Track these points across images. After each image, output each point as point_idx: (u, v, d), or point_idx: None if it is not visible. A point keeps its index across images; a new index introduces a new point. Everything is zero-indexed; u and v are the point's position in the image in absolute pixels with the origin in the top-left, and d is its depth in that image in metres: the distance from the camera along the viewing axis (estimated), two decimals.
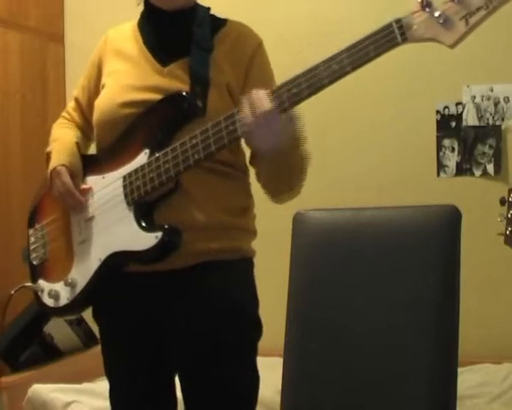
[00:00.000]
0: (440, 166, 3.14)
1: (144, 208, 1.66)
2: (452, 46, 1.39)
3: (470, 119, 3.09)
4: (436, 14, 1.37)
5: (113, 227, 1.69)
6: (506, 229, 1.68)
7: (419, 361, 1.33)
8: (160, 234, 1.61)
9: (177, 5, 1.73)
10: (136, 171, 1.66)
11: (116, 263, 1.70)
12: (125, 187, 1.68)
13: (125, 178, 1.68)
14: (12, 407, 2.73)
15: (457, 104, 3.11)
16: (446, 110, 3.13)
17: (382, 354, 1.36)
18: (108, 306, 1.76)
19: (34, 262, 1.89)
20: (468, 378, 2.74)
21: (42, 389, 2.70)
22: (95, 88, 1.84)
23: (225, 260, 1.67)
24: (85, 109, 1.89)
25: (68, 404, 2.68)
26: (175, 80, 1.68)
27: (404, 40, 1.42)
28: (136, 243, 1.64)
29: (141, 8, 1.85)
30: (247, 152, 1.76)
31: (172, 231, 1.62)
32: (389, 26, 1.44)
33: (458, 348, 1.33)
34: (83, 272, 1.74)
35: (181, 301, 1.67)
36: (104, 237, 1.71)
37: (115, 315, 1.76)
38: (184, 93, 1.65)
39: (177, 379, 1.76)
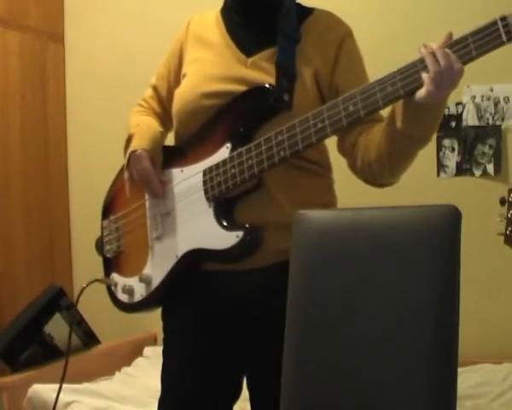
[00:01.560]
0: (440, 166, 3.14)
1: (225, 205, 1.60)
2: None
3: (470, 119, 3.09)
4: None
5: (192, 223, 1.63)
6: (506, 229, 1.68)
7: (419, 361, 1.32)
8: (240, 233, 1.55)
9: None
10: (217, 166, 1.60)
11: (193, 261, 1.64)
12: (205, 182, 1.62)
13: (205, 172, 1.62)
14: (12, 407, 2.73)
15: (457, 104, 3.11)
16: (446, 110, 3.13)
17: (382, 354, 1.36)
18: (181, 306, 1.70)
19: (108, 255, 1.83)
20: (468, 378, 2.74)
21: (42, 389, 2.70)
22: (175, 76, 1.77)
23: None
24: (164, 98, 1.82)
25: (68, 404, 2.68)
26: (259, 72, 1.62)
27: (510, 39, 1.35)
28: (215, 242, 1.58)
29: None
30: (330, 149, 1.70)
31: (254, 230, 1.56)
32: (494, 23, 1.36)
33: (458, 348, 1.33)
34: (158, 269, 1.68)
35: (259, 300, 1.61)
36: (182, 233, 1.65)
37: (188, 315, 1.69)
38: (270, 86, 1.57)
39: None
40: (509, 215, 1.68)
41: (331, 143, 1.70)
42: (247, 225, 1.56)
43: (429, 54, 1.41)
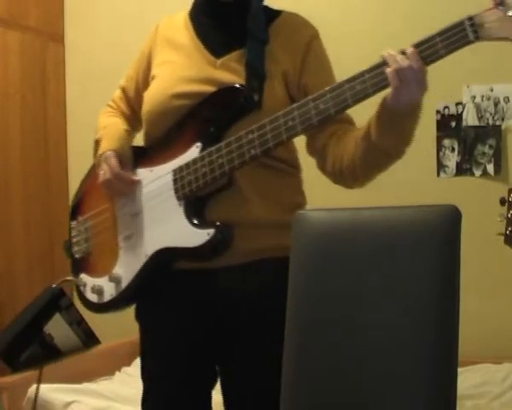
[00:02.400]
0: (440, 166, 3.14)
1: (195, 204, 1.61)
2: None
3: (470, 119, 3.09)
4: (511, 12, 1.34)
5: (162, 222, 1.64)
6: (506, 229, 1.68)
7: (419, 361, 1.32)
8: (212, 231, 1.57)
9: None
10: (187, 165, 1.61)
11: (164, 259, 1.65)
12: (175, 181, 1.63)
13: (175, 172, 1.63)
14: (12, 407, 2.73)
15: (457, 104, 3.11)
16: (446, 110, 3.13)
17: (382, 353, 1.36)
18: (154, 304, 1.70)
19: (76, 256, 1.84)
20: (468, 378, 2.74)
21: (42, 389, 2.70)
22: (143, 79, 1.79)
23: (278, 257, 1.61)
24: (132, 100, 1.84)
25: (68, 404, 2.69)
26: (229, 73, 1.64)
27: (477, 38, 1.39)
28: (186, 240, 1.59)
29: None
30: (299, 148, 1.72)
31: (225, 228, 1.57)
32: (461, 23, 1.40)
33: (458, 348, 1.33)
34: (128, 268, 1.69)
35: (230, 298, 1.62)
36: (152, 233, 1.66)
37: (161, 314, 1.70)
38: (240, 86, 1.60)
39: None
40: (509, 215, 1.68)
41: (302, 143, 1.71)
42: (218, 223, 1.58)
43: (390, 55, 1.46)
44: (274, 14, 1.73)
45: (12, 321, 3.09)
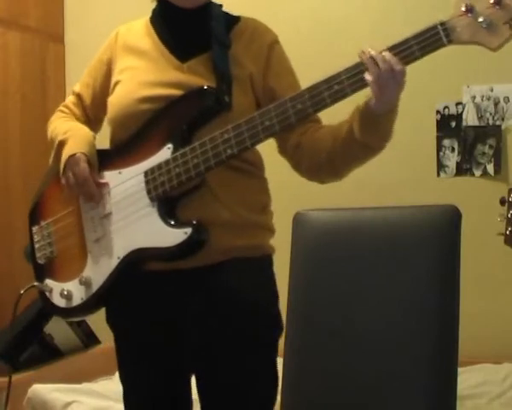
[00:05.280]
0: (440, 166, 3.14)
1: (168, 204, 1.62)
2: (496, 49, 1.45)
3: (470, 119, 3.09)
4: (480, 19, 1.43)
5: (135, 224, 1.64)
6: (506, 229, 1.68)
7: (419, 361, 1.33)
8: (189, 230, 1.57)
9: (195, 3, 1.71)
10: (159, 166, 1.62)
11: (136, 261, 1.65)
12: (147, 183, 1.63)
13: (146, 173, 1.64)
14: (12, 407, 2.73)
15: (457, 104, 3.11)
16: (446, 110, 3.13)
17: (382, 354, 1.36)
18: (125, 306, 1.71)
19: (39, 261, 1.82)
20: (468, 378, 2.74)
21: (42, 389, 2.70)
22: (101, 86, 1.80)
23: (248, 257, 1.64)
24: (88, 106, 1.85)
25: (68, 404, 2.68)
26: (197, 76, 1.65)
27: (450, 42, 1.47)
28: (161, 240, 1.60)
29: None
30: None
31: (201, 226, 1.58)
32: (434, 27, 1.48)
33: (458, 348, 1.33)
34: (99, 271, 1.68)
35: (203, 299, 1.63)
36: (124, 235, 1.66)
37: (133, 316, 1.71)
38: (211, 88, 1.62)
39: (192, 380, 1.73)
40: (509, 215, 1.68)
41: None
42: (195, 222, 1.59)
43: (368, 58, 1.50)
44: (234, 20, 1.76)
45: (12, 321, 3.09)
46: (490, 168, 3.06)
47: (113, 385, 2.98)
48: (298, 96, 1.56)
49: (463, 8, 1.45)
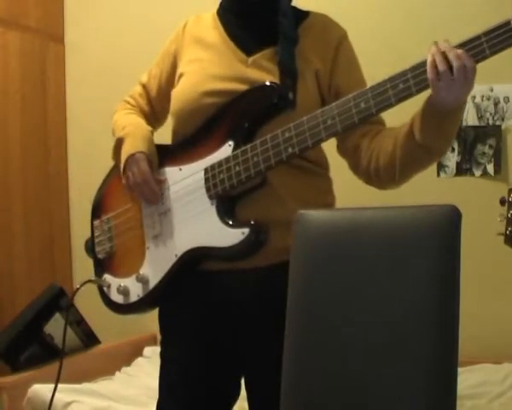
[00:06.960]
0: (440, 166, 3.14)
1: (227, 203, 1.59)
2: None
3: (470, 119, 3.09)
4: None
5: (193, 222, 1.61)
6: (506, 229, 1.68)
7: (419, 361, 1.32)
8: (246, 230, 1.55)
9: None
10: (219, 163, 1.59)
11: (194, 259, 1.62)
12: (207, 180, 1.61)
13: (206, 170, 1.61)
14: (12, 407, 2.73)
15: None
16: None
17: (382, 354, 1.36)
18: (181, 306, 1.68)
19: (99, 256, 1.81)
20: (468, 378, 2.74)
21: (42, 389, 2.70)
22: (167, 77, 1.77)
23: None
24: (154, 98, 1.82)
25: (68, 404, 2.68)
26: (261, 71, 1.62)
27: None
28: (220, 239, 1.57)
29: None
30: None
31: (259, 227, 1.55)
32: (507, 23, 1.37)
33: (458, 348, 1.33)
34: (156, 268, 1.66)
35: (261, 300, 1.60)
36: (182, 232, 1.63)
37: (187, 316, 1.68)
38: (274, 84, 1.58)
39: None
40: (509, 215, 1.68)
41: (330, 143, 1.70)
42: (253, 222, 1.55)
43: (439, 53, 1.41)
44: (303, 15, 1.72)
45: (12, 321, 3.09)
46: (490, 168, 3.06)
47: (113, 385, 2.98)
48: (361, 94, 1.50)
49: None
